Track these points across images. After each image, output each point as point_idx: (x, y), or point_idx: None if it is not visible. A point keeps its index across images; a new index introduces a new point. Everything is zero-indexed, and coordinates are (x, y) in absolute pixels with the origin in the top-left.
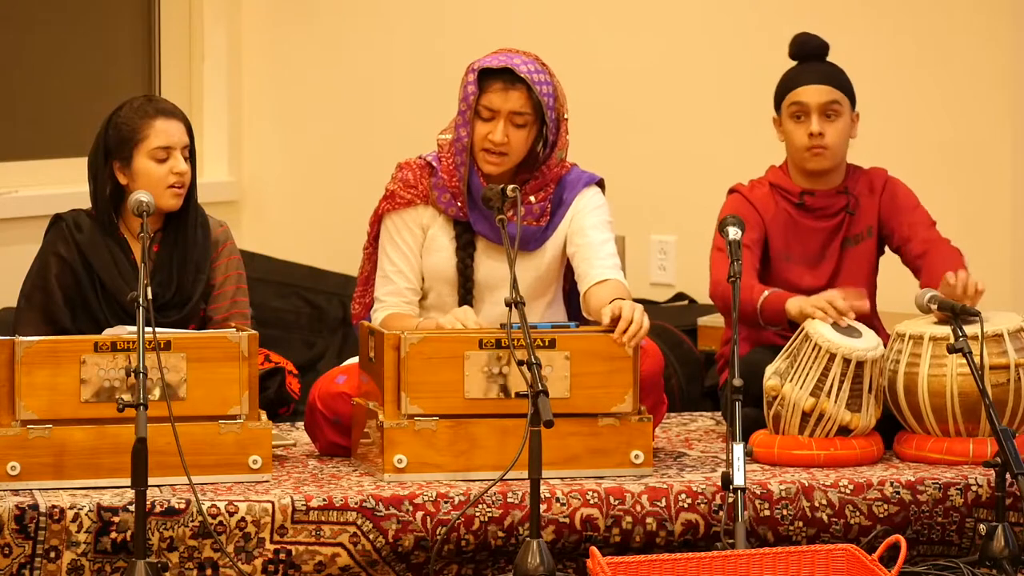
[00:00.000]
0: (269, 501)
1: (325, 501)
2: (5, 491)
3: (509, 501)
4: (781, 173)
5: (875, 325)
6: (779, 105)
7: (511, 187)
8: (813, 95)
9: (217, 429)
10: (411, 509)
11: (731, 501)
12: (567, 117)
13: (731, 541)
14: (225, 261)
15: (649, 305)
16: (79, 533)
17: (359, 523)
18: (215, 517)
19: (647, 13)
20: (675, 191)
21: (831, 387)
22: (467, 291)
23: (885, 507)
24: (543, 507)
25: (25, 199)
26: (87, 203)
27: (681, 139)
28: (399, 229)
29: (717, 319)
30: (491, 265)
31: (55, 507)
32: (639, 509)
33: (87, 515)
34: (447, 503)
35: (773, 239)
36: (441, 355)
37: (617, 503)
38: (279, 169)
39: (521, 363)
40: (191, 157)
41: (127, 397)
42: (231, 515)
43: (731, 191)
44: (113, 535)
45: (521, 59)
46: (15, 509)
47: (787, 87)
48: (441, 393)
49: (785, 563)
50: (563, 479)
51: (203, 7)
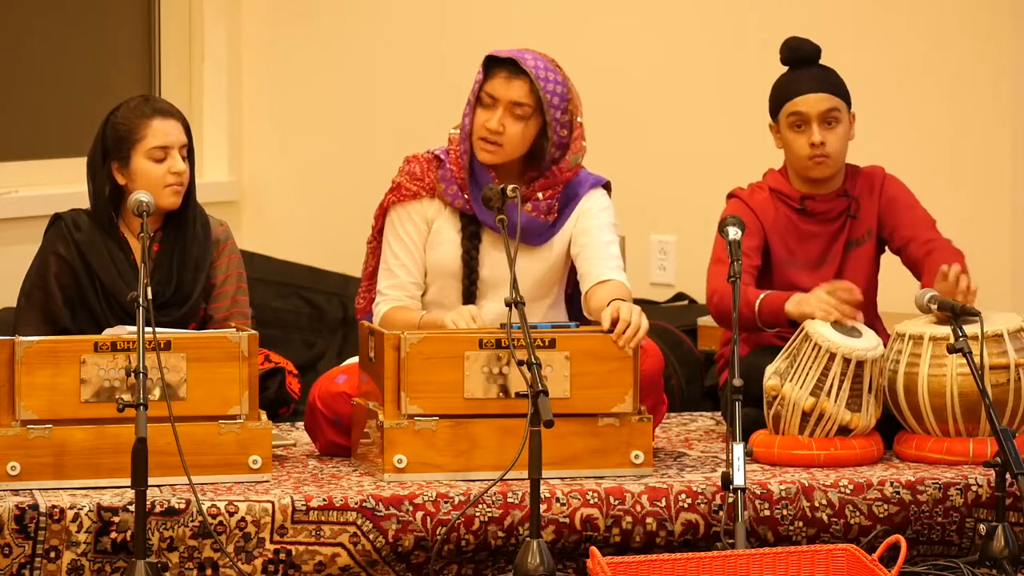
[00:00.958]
0: (269, 501)
1: (325, 501)
2: (5, 491)
3: (509, 501)
4: (780, 177)
5: (875, 325)
6: (775, 113)
7: (511, 187)
8: (812, 104)
9: (217, 429)
10: (411, 509)
11: (731, 501)
12: (580, 120)
13: (731, 541)
14: (226, 260)
15: (649, 305)
16: (79, 533)
17: (359, 523)
18: (215, 517)
19: (647, 13)
20: (675, 191)
21: (831, 387)
22: (471, 284)
23: (885, 507)
24: (543, 507)
25: (25, 199)
26: (87, 203)
27: (681, 139)
28: (403, 221)
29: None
30: (497, 258)
31: (55, 507)
32: (639, 509)
33: (87, 515)
34: (447, 503)
35: (774, 244)
36: (441, 355)
37: (617, 503)
38: (279, 169)
39: (521, 363)
40: (189, 156)
41: (127, 397)
42: (231, 515)
43: (730, 196)
44: (113, 535)
45: (532, 55)
46: (15, 509)
47: (784, 96)
48: (441, 393)
49: (785, 563)
50: (563, 479)
51: (203, 7)
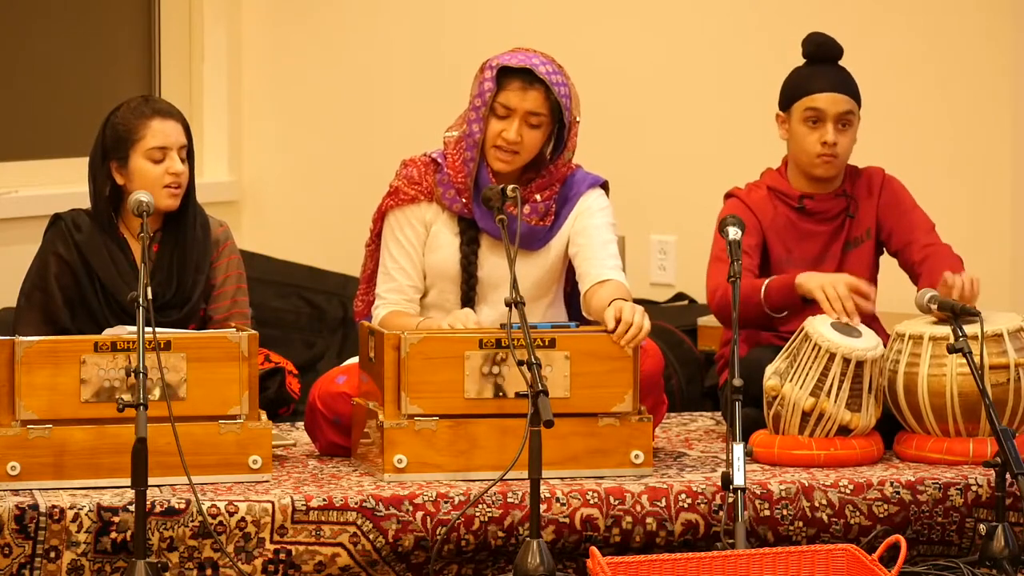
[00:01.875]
0: (269, 501)
1: (325, 501)
2: (5, 491)
3: (509, 501)
4: (779, 176)
5: (875, 325)
6: (789, 105)
7: (511, 187)
8: (831, 104)
9: (217, 429)
10: (411, 509)
11: (731, 501)
12: (578, 120)
13: (731, 541)
14: (225, 261)
15: (649, 305)
16: (79, 533)
17: (359, 523)
18: (215, 517)
19: (647, 13)
20: (675, 191)
21: (831, 387)
22: (470, 288)
23: (885, 507)
24: (543, 507)
25: (25, 199)
26: (87, 203)
27: (681, 139)
28: (402, 226)
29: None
30: (495, 262)
31: (55, 507)
32: (639, 509)
33: (87, 515)
34: (447, 503)
35: (772, 243)
36: (441, 355)
37: (617, 503)
38: (279, 169)
39: (521, 363)
40: (189, 157)
41: (127, 397)
42: (231, 515)
43: (728, 195)
44: (113, 535)
45: (540, 59)
46: (15, 509)
47: (803, 90)
48: (441, 393)
49: (785, 563)
50: (563, 479)
51: (203, 7)
